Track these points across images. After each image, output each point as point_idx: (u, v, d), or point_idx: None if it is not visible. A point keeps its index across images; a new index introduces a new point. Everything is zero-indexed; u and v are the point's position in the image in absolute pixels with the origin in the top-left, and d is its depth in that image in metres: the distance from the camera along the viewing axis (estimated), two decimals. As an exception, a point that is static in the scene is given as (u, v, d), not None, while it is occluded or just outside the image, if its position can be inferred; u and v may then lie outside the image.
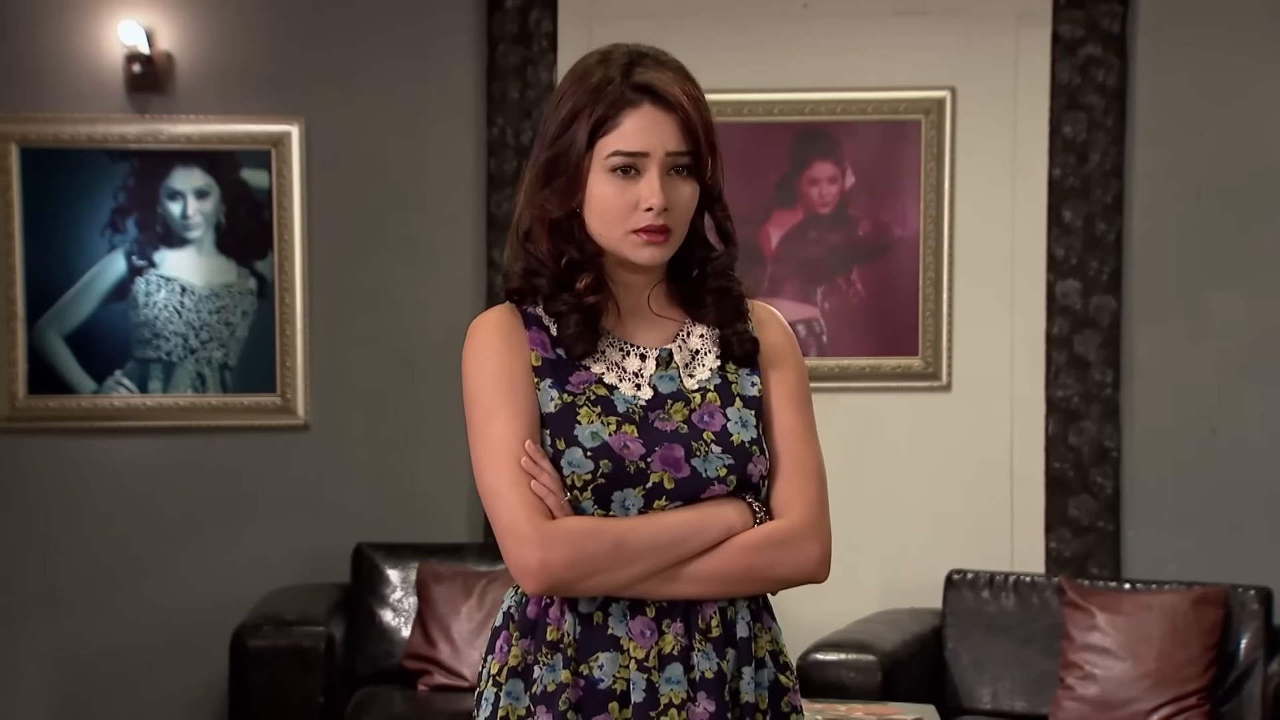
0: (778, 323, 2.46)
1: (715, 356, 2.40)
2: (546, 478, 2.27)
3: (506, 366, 2.32)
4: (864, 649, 4.92)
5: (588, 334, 2.34)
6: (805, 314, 5.77)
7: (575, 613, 2.31)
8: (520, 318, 2.37)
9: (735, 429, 2.34)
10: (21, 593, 5.65)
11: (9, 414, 5.62)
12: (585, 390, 2.33)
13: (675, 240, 2.33)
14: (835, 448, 5.66)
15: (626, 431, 2.30)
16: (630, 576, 2.27)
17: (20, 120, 5.58)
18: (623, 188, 2.30)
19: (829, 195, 5.78)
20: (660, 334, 2.40)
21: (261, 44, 5.65)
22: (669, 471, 2.30)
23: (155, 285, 5.61)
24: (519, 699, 2.32)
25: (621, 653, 2.30)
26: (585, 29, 5.76)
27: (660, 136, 2.30)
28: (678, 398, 2.35)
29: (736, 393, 2.37)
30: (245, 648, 4.88)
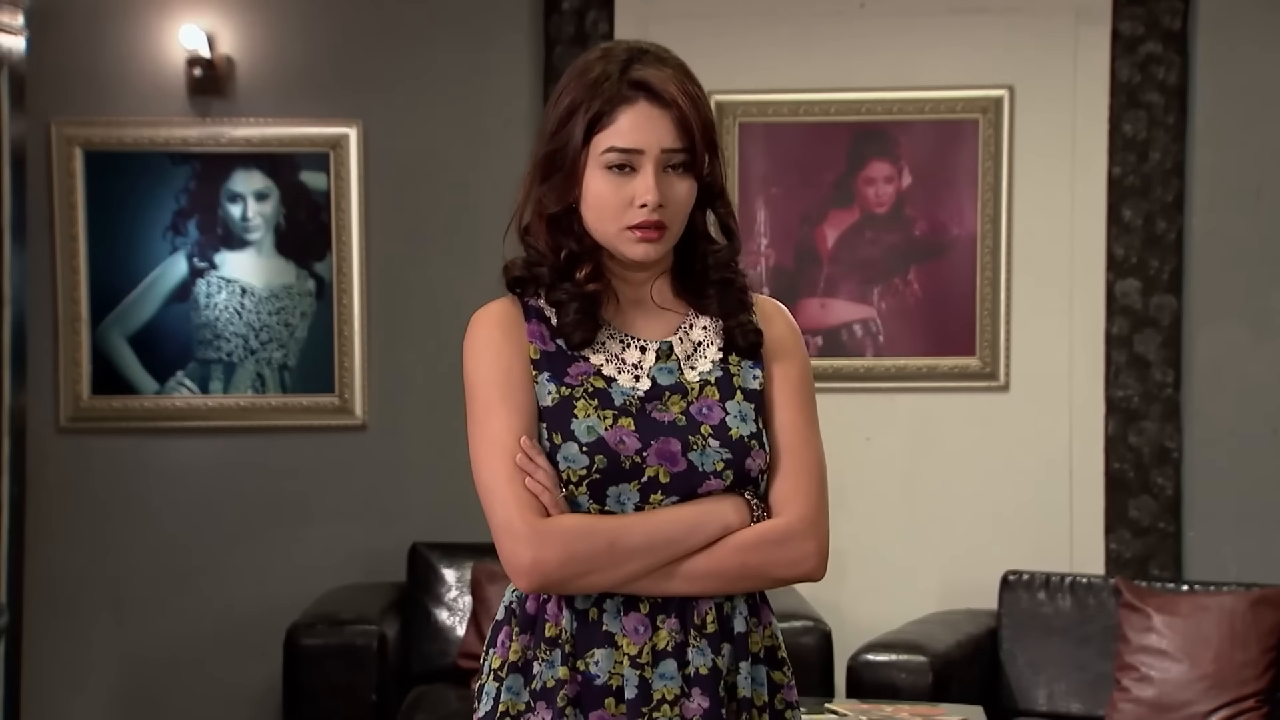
0: (783, 317, 2.46)
1: (718, 349, 2.39)
2: (542, 474, 2.27)
3: (504, 361, 2.33)
4: (915, 650, 4.90)
5: (587, 322, 2.35)
6: (861, 314, 5.76)
7: (572, 609, 2.31)
8: (521, 310, 2.38)
9: (734, 422, 2.33)
10: (87, 591, 5.72)
11: (74, 414, 5.70)
12: (584, 382, 2.33)
13: (670, 237, 2.34)
14: (892, 448, 5.69)
15: (623, 425, 2.30)
16: (624, 575, 2.27)
17: (84, 124, 5.65)
18: (618, 184, 2.31)
19: (885, 195, 5.76)
20: (662, 326, 2.40)
21: (320, 47, 5.71)
22: (665, 465, 2.29)
23: (216, 287, 5.67)
24: (519, 694, 2.33)
25: (616, 649, 2.30)
26: (642, 30, 5.77)
27: (656, 133, 2.30)
28: (676, 390, 2.35)
29: (738, 385, 2.36)
30: (298, 646, 4.93)
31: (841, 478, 5.66)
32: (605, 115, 2.31)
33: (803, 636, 4.88)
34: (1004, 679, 5.28)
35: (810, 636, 4.89)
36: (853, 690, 4.82)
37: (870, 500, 5.72)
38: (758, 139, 5.76)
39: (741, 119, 5.75)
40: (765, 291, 5.65)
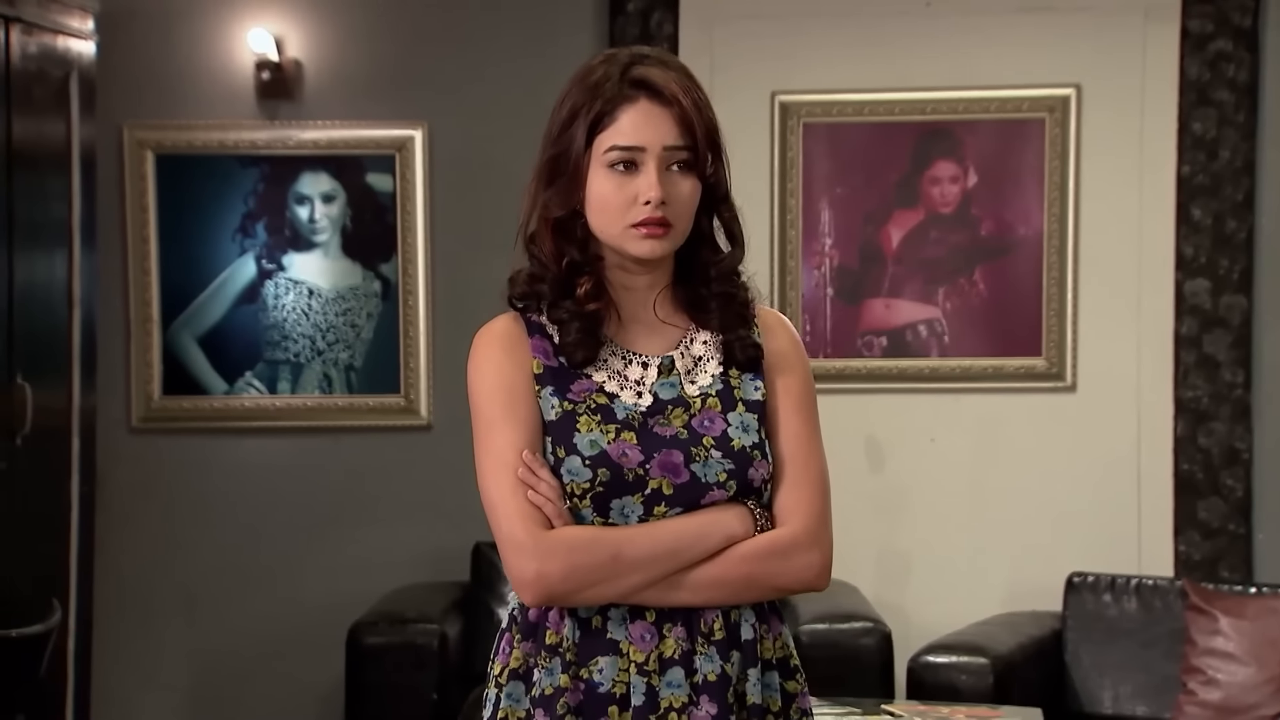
0: (785, 328, 2.46)
1: (718, 363, 2.40)
2: (545, 487, 2.28)
3: (508, 377, 2.34)
4: (976, 651, 4.88)
5: (588, 341, 2.35)
6: (926, 314, 5.74)
7: (575, 618, 2.32)
8: (524, 326, 2.39)
9: (736, 434, 2.34)
10: (158, 589, 5.79)
11: (145, 414, 5.77)
12: (586, 399, 2.34)
13: (677, 234, 2.34)
14: (957, 449, 5.67)
15: (625, 439, 2.31)
16: (628, 587, 2.28)
17: (155, 127, 5.72)
18: (621, 183, 2.31)
19: (951, 195, 5.74)
20: (663, 341, 2.41)
21: (386, 50, 5.75)
22: (668, 477, 2.31)
23: (284, 288, 5.73)
24: (519, 701, 2.34)
25: (621, 656, 2.31)
26: (706, 31, 5.78)
27: (657, 131, 2.31)
28: (678, 404, 2.36)
29: (739, 397, 2.37)
30: (360, 644, 4.97)
31: (905, 479, 5.70)
32: (607, 115, 2.32)
33: (863, 638, 4.87)
34: (1068, 681, 5.25)
35: (870, 638, 4.88)
36: (913, 692, 4.81)
37: (935, 502, 5.71)
38: (822, 139, 5.75)
39: (806, 119, 5.75)
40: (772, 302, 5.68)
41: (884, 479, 5.73)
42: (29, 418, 4.74)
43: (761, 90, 5.75)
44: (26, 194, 4.78)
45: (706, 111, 2.35)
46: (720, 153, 2.38)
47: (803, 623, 4.94)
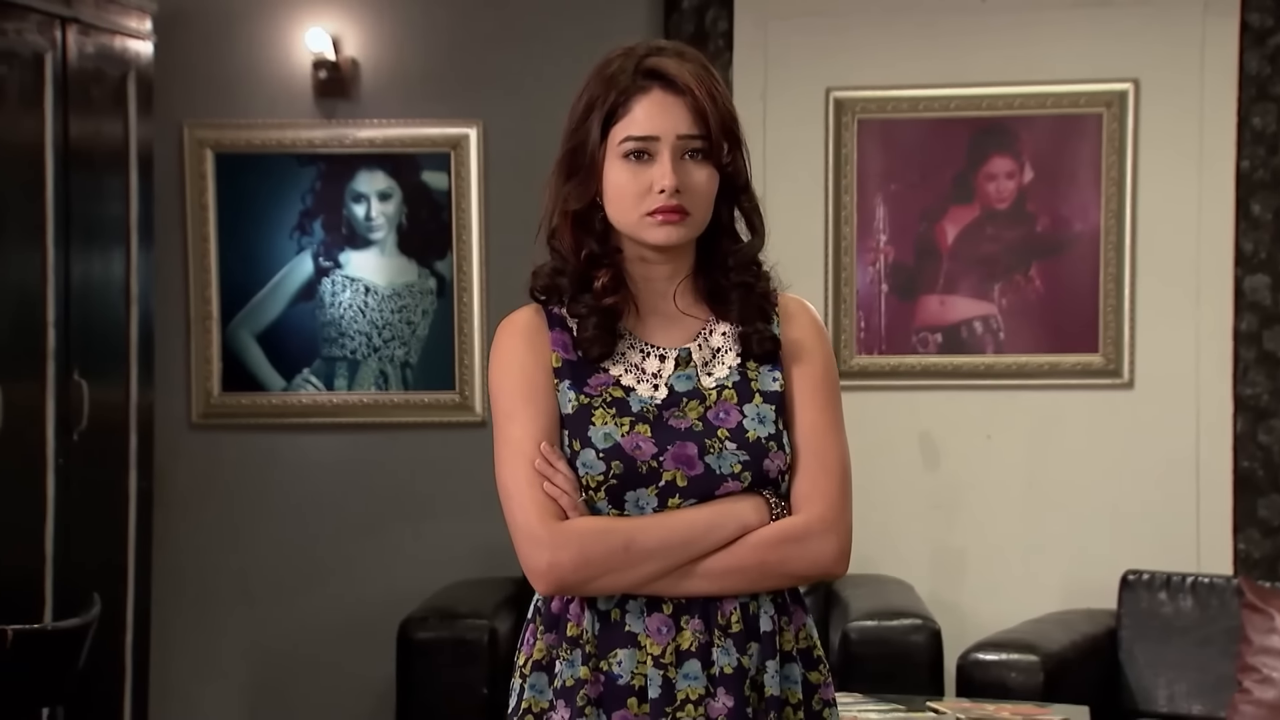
0: (806, 315, 2.46)
1: (736, 354, 2.40)
2: (561, 478, 2.30)
3: (528, 369, 2.36)
4: (1027, 649, 4.86)
5: (604, 337, 2.37)
6: (982, 310, 5.72)
7: (594, 610, 2.34)
8: (545, 318, 2.40)
9: (752, 425, 2.35)
10: (217, 583, 5.85)
11: (205, 411, 5.83)
12: (603, 392, 2.36)
13: (694, 223, 2.35)
14: (1013, 446, 5.65)
15: (639, 431, 2.32)
16: (641, 576, 2.29)
17: (215, 126, 5.78)
18: (636, 172, 2.33)
19: (1007, 190, 5.72)
20: (682, 333, 2.42)
21: (442, 49, 5.79)
22: (682, 469, 2.31)
23: (340, 285, 5.77)
24: (542, 692, 2.36)
25: (639, 649, 2.32)
26: (761, 28, 5.78)
27: (671, 120, 2.32)
28: (693, 396, 2.37)
29: (756, 388, 2.37)
30: (411, 639, 5.00)
31: (961, 476, 5.68)
32: (621, 106, 2.34)
33: (912, 635, 4.86)
34: (1123, 680, 5.23)
35: (920, 635, 4.87)
36: (963, 689, 4.80)
37: (990, 499, 5.68)
38: (877, 135, 5.74)
39: (860, 115, 5.74)
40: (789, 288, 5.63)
41: (939, 476, 5.71)
42: (86, 414, 4.81)
43: (816, 86, 5.74)
44: (84, 193, 4.84)
45: (723, 102, 2.36)
46: (739, 143, 2.38)
47: (852, 619, 4.94)
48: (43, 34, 4.66)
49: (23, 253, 4.62)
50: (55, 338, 4.69)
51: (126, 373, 5.10)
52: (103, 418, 4.92)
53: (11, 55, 4.55)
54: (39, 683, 3.39)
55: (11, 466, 4.54)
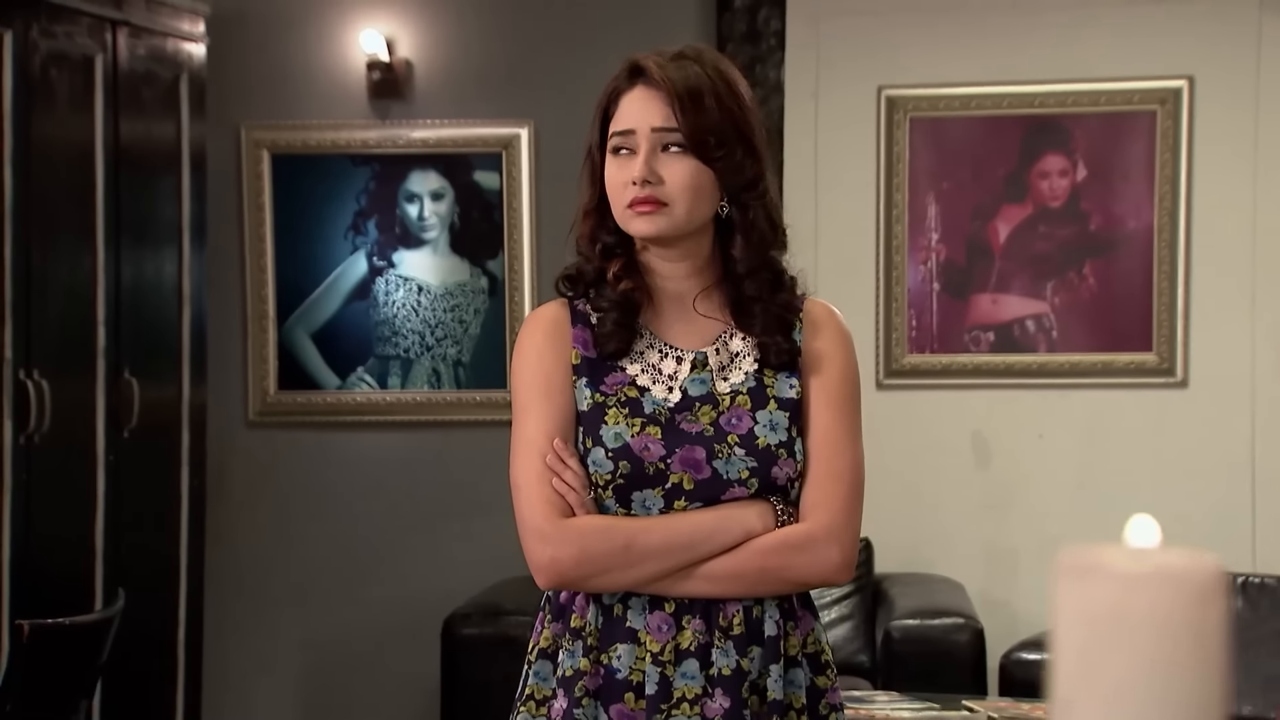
0: (831, 323, 2.46)
1: (754, 360, 2.41)
2: (570, 475, 2.33)
3: (546, 364, 2.40)
4: (1070, 648, 4.83)
5: (622, 332, 2.39)
6: (1034, 309, 5.69)
7: (598, 604, 2.37)
8: (569, 314, 2.43)
9: (763, 432, 2.36)
10: (273, 579, 5.92)
11: (261, 409, 5.90)
12: (618, 391, 2.38)
13: (674, 214, 2.36)
14: (1065, 445, 5.61)
15: (650, 433, 2.34)
16: (641, 576, 2.31)
17: (271, 128, 5.85)
18: (621, 166, 2.37)
19: (1059, 188, 5.69)
20: (701, 336, 2.43)
21: (494, 50, 5.83)
22: (689, 473, 2.33)
23: (394, 285, 5.82)
24: (546, 679, 2.39)
25: (639, 645, 2.34)
26: (813, 27, 5.78)
27: (645, 113, 2.36)
28: (707, 400, 2.38)
29: (771, 395, 2.39)
30: (455, 636, 5.04)
31: (1013, 475, 5.66)
32: (612, 105, 2.40)
33: (954, 634, 4.85)
34: (1172, 680, 5.18)
35: (962, 634, 4.86)
36: (1005, 689, 4.79)
37: (1042, 498, 5.66)
38: (929, 134, 5.73)
39: (912, 114, 5.73)
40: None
41: (991, 475, 5.69)
42: (136, 412, 4.88)
43: (868, 85, 5.74)
44: (135, 194, 4.92)
45: (714, 101, 2.37)
46: (738, 141, 2.38)
47: (895, 618, 4.93)
48: (93, 37, 4.74)
49: (73, 253, 4.69)
50: (105, 336, 4.76)
51: (179, 371, 5.17)
52: (154, 416, 4.99)
53: (62, 58, 4.63)
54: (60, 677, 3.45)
55: (62, 463, 4.62)
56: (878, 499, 5.63)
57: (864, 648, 5.16)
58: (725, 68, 2.43)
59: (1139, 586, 1.01)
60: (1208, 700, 1.01)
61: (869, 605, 5.27)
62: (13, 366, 4.41)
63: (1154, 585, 1.01)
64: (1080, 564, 1.02)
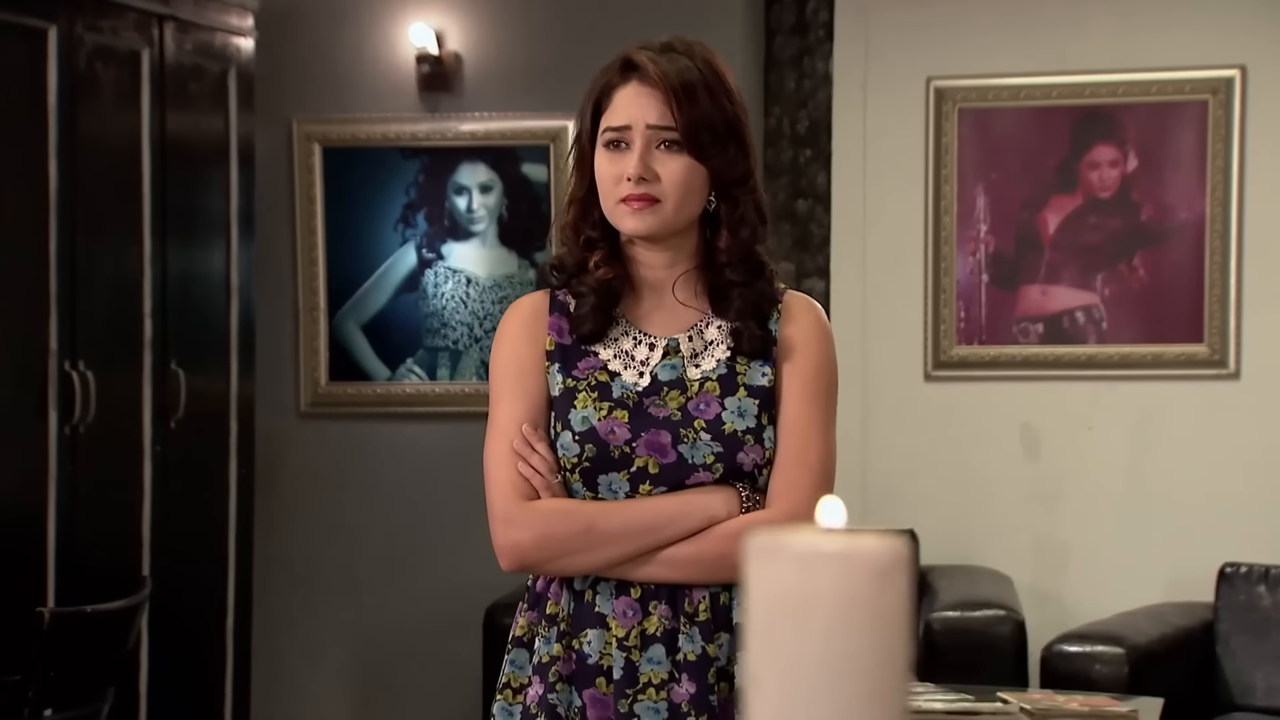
0: (808, 314, 2.47)
1: (727, 347, 2.42)
2: (538, 460, 2.36)
3: (520, 352, 2.42)
4: (1112, 641, 4.81)
5: (597, 316, 2.41)
6: (1084, 300, 5.66)
7: (570, 589, 2.38)
8: (548, 304, 2.46)
9: (730, 418, 2.37)
10: (324, 569, 5.97)
11: (312, 400, 5.95)
12: (589, 375, 2.40)
13: (666, 211, 2.37)
14: (1114, 437, 5.58)
15: (616, 417, 2.36)
16: (603, 559, 2.33)
17: (322, 121, 5.89)
18: (613, 161, 2.38)
19: (1110, 179, 5.65)
20: (677, 323, 2.45)
21: (541, 43, 5.85)
22: (654, 457, 2.35)
23: (443, 277, 5.86)
24: (522, 668, 2.42)
25: (607, 630, 2.36)
26: (862, 18, 5.77)
27: (641, 110, 2.37)
28: (675, 385, 2.39)
29: (742, 382, 2.40)
30: (497, 625, 5.06)
31: (1062, 467, 5.63)
32: (604, 99, 2.41)
33: (996, 626, 4.84)
34: (1220, 673, 5.15)
35: (1004, 626, 4.84)
36: (1047, 681, 4.76)
37: (1092, 490, 5.62)
38: (977, 124, 5.70)
39: (961, 105, 5.70)
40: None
41: (1040, 467, 5.66)
42: (183, 402, 4.93)
43: (916, 76, 5.72)
44: (181, 187, 4.97)
45: (707, 97, 2.38)
46: (730, 138, 2.39)
47: (936, 610, 4.92)
48: (139, 32, 4.79)
49: (120, 246, 4.75)
50: (152, 328, 4.82)
51: (226, 363, 5.22)
52: (201, 407, 5.04)
53: (108, 53, 4.68)
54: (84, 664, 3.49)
55: (109, 453, 4.68)
56: (923, 491, 5.65)
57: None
58: (715, 61, 2.44)
59: (818, 566, 1.03)
60: (887, 677, 1.03)
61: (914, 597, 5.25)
62: (58, 358, 4.48)
63: (833, 565, 1.03)
64: (766, 545, 1.04)
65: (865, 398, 5.69)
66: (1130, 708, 3.95)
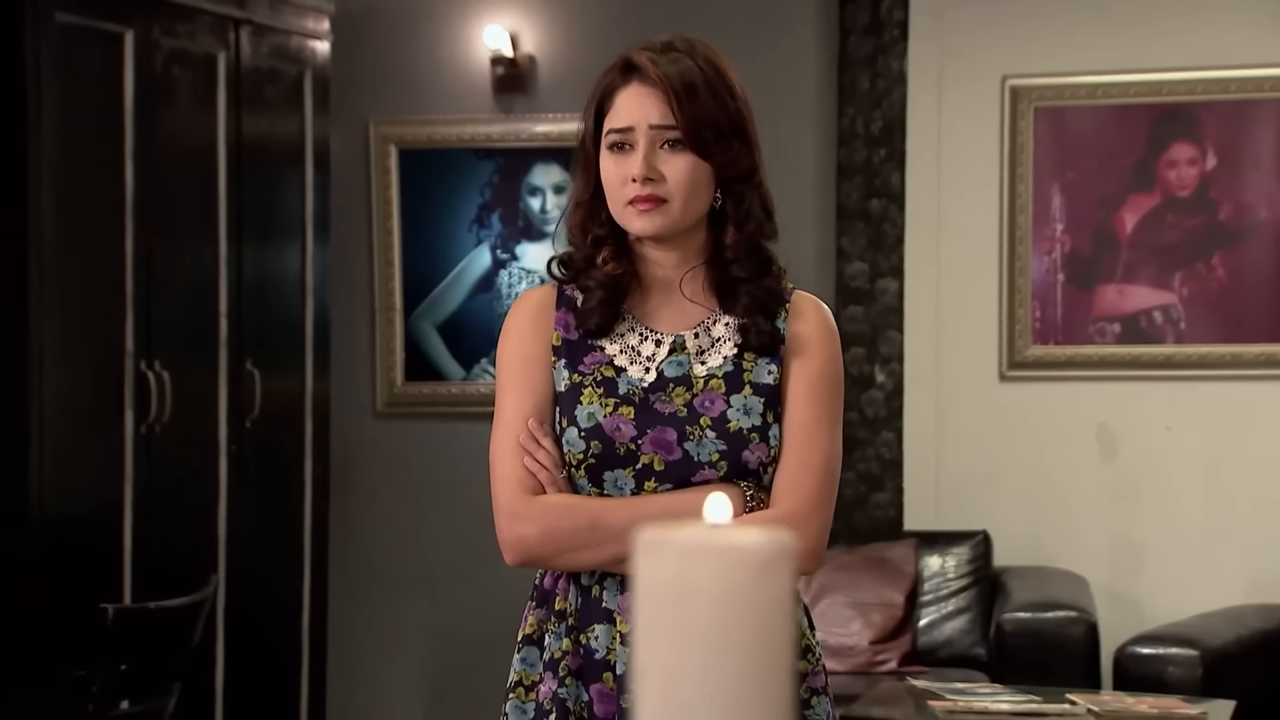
0: (816, 314, 2.46)
1: (734, 344, 2.43)
2: (543, 454, 2.37)
3: (527, 346, 2.43)
4: (1186, 643, 4.77)
5: (604, 310, 2.41)
6: (1162, 300, 5.61)
7: (578, 585, 2.40)
8: (555, 298, 2.46)
9: (735, 416, 2.38)
10: (400, 568, 6.01)
11: (389, 400, 5.99)
12: (594, 371, 2.41)
13: (673, 210, 2.37)
14: (1193, 438, 5.53)
15: (622, 413, 2.37)
16: (607, 555, 2.34)
17: (398, 123, 5.93)
18: (618, 162, 2.39)
19: (1188, 178, 5.61)
20: (684, 320, 2.45)
21: (614, 44, 5.80)
22: (660, 454, 2.36)
23: (516, 277, 5.88)
24: (533, 665, 2.43)
25: (614, 625, 2.37)
26: (937, 17, 5.75)
27: (643, 111, 2.38)
28: (681, 382, 2.40)
29: (748, 380, 2.40)
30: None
31: (1140, 467, 5.59)
32: (607, 101, 2.43)
33: (1067, 627, 4.81)
34: (1299, 677, 5.09)
35: (1076, 628, 4.82)
36: (1120, 683, 4.73)
37: (1170, 491, 5.58)
38: (1053, 123, 5.67)
39: (1037, 103, 5.67)
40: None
41: (1117, 468, 5.62)
42: (258, 402, 4.99)
43: (992, 75, 5.70)
44: (257, 189, 5.02)
45: (709, 94, 2.38)
46: (734, 134, 2.40)
47: (1007, 611, 4.90)
48: (215, 36, 4.84)
49: (196, 247, 4.81)
50: (227, 328, 4.87)
51: (302, 363, 5.27)
52: (276, 406, 5.09)
53: (184, 57, 4.74)
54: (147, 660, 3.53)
55: (184, 452, 4.74)
56: (998, 493, 5.62)
57: (980, 641, 5.13)
58: (716, 58, 2.45)
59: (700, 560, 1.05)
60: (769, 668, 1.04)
61: (987, 598, 5.24)
62: (134, 358, 4.53)
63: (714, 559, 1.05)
64: (652, 540, 1.06)
65: (939, 398, 5.67)
66: (1200, 710, 3.92)
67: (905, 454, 5.70)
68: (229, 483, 4.88)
